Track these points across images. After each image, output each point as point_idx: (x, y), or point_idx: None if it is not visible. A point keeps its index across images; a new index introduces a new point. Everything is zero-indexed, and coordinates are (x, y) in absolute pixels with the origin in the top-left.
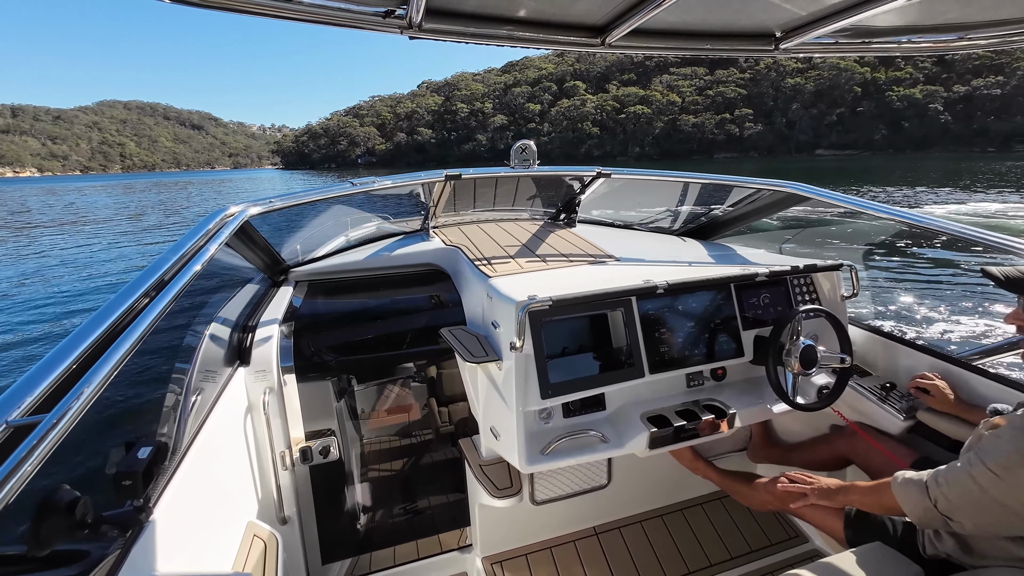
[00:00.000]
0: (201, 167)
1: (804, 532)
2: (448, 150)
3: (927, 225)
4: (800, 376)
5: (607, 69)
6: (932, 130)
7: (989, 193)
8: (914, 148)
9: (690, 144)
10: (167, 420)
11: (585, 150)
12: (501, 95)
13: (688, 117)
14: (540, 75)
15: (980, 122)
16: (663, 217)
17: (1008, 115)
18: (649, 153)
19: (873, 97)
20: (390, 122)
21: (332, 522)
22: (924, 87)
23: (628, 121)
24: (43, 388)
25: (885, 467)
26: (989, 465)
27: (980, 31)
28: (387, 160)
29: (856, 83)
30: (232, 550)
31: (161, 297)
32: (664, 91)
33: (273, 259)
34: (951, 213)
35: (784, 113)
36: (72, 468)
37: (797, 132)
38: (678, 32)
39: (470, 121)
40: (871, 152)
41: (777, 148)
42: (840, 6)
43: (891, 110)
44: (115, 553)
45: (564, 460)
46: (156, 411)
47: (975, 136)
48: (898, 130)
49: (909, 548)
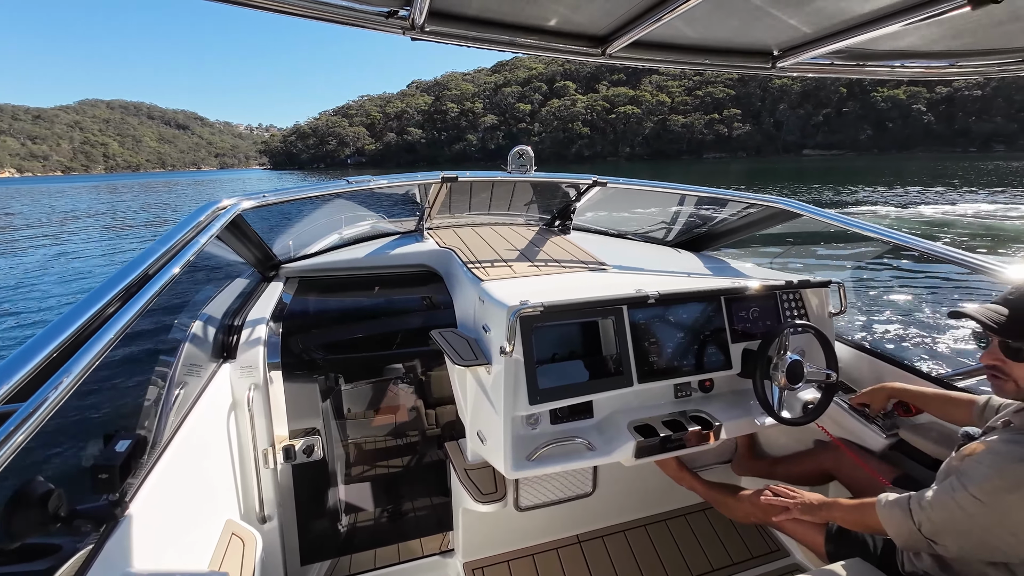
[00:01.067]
0: (187, 167)
1: (785, 546)
2: (438, 150)
3: (913, 245)
4: (786, 391)
5: (597, 69)
6: (915, 130)
7: (980, 192)
8: (898, 148)
9: (679, 144)
10: (148, 414)
11: (575, 150)
12: (491, 95)
13: (677, 117)
14: (530, 75)
15: (962, 123)
16: (657, 227)
17: (988, 116)
18: (639, 153)
19: (858, 98)
20: (380, 122)
21: (313, 522)
22: (907, 88)
23: (618, 121)
24: (21, 376)
25: (867, 483)
26: (972, 491)
27: (970, 59)
28: (377, 160)
29: (842, 84)
30: (209, 548)
31: (147, 288)
32: (654, 91)
33: (264, 254)
34: (945, 213)
35: (772, 114)
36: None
37: (784, 132)
38: (678, 46)
39: (460, 121)
40: (856, 152)
41: (765, 148)
42: (837, 28)
43: (876, 111)
44: (88, 548)
45: (550, 467)
46: (137, 404)
47: (957, 136)
48: (883, 130)
49: (888, 565)
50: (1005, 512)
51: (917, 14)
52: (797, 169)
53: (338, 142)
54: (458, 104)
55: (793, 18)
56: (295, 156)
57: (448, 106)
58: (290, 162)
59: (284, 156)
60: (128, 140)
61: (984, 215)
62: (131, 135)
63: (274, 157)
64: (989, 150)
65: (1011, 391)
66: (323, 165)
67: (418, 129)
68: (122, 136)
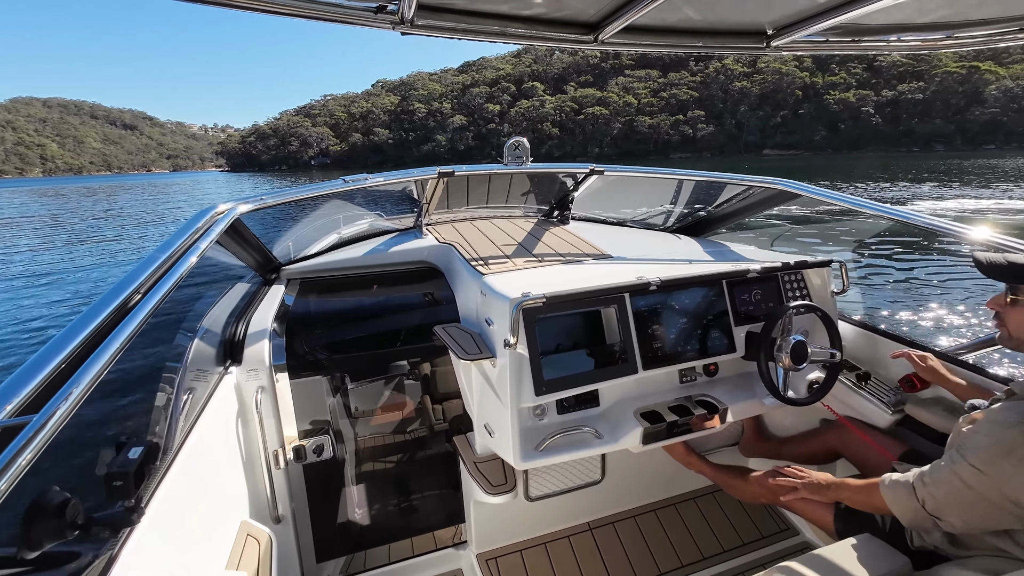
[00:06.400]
0: (136, 170)
1: (795, 525)
2: (406, 151)
3: (914, 221)
4: (791, 371)
5: (564, 70)
6: (865, 131)
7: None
8: (849, 148)
9: (647, 144)
10: (158, 420)
11: (546, 151)
12: (459, 95)
13: (644, 118)
14: (498, 75)
15: (906, 124)
16: (656, 214)
17: (929, 118)
18: (608, 154)
19: (812, 100)
20: (344, 122)
21: (326, 520)
22: (857, 91)
23: (587, 122)
24: (31, 388)
25: (874, 460)
26: (970, 460)
27: (967, 30)
28: (342, 162)
29: (797, 87)
30: (226, 550)
31: (151, 296)
32: (620, 92)
33: (265, 257)
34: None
35: (733, 115)
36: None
37: (745, 133)
38: (671, 29)
39: (428, 121)
40: (812, 152)
41: (728, 148)
42: (831, 4)
43: (829, 112)
44: (107, 554)
45: (558, 456)
46: (147, 411)
47: (902, 136)
48: (836, 131)
49: (897, 540)
50: (1003, 479)
51: None
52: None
53: (301, 143)
54: (426, 104)
55: None
56: (255, 158)
57: (415, 106)
58: (249, 163)
59: (243, 157)
60: (69, 141)
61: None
62: (72, 135)
63: (232, 159)
64: (930, 149)
65: (1005, 338)
66: (285, 167)
67: (385, 130)
68: (62, 137)
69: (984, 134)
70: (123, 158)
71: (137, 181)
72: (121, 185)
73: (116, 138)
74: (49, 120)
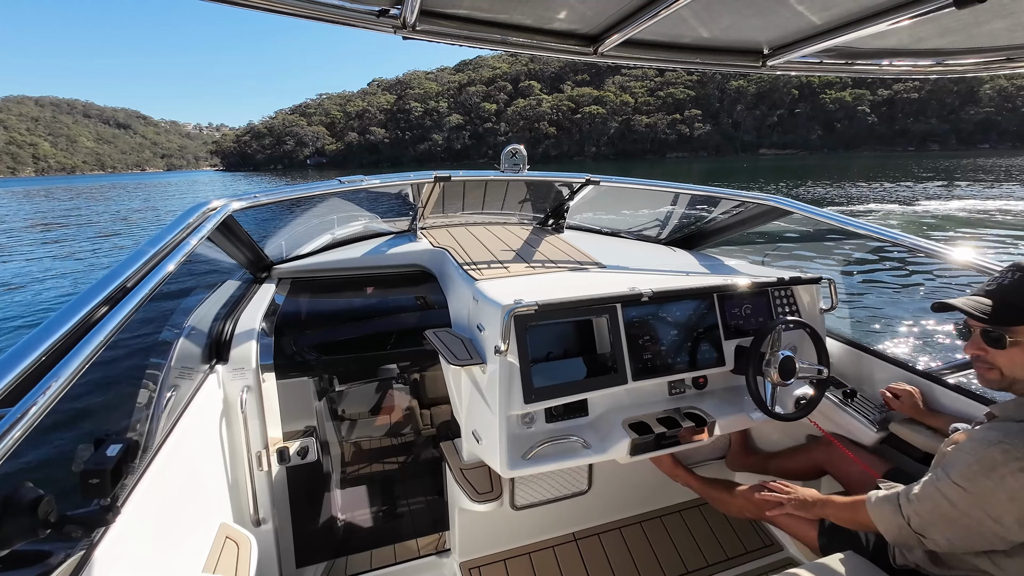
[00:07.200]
0: (129, 169)
1: (779, 540)
2: (402, 150)
3: (901, 241)
4: (779, 386)
5: (561, 70)
6: (860, 130)
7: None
8: (845, 147)
9: (644, 144)
10: (139, 417)
11: (543, 150)
12: (455, 94)
13: (641, 118)
14: (495, 74)
15: (901, 123)
16: (650, 225)
17: (924, 117)
18: (605, 153)
19: (808, 99)
20: (340, 121)
21: (308, 524)
22: (852, 91)
23: (584, 121)
24: (8, 380)
25: (859, 478)
26: (953, 478)
27: (957, 58)
28: (338, 161)
29: (793, 86)
30: (203, 552)
31: (137, 291)
32: (617, 92)
33: (256, 255)
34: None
35: (730, 114)
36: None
37: (742, 132)
38: (669, 45)
39: (425, 120)
40: (808, 151)
41: (724, 148)
42: (826, 27)
43: (824, 112)
44: (79, 554)
45: (545, 465)
46: (128, 408)
47: (897, 136)
48: (831, 130)
49: (880, 558)
50: (984, 497)
51: (904, 13)
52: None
53: (296, 142)
54: (422, 103)
55: (783, 17)
56: (250, 157)
57: (412, 105)
58: (244, 163)
59: (238, 157)
60: (62, 140)
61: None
62: (65, 135)
63: (227, 158)
64: (925, 149)
65: (995, 379)
66: (281, 166)
67: (381, 129)
68: (54, 136)
69: (978, 133)
70: (117, 157)
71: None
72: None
73: (109, 137)
74: (41, 119)
